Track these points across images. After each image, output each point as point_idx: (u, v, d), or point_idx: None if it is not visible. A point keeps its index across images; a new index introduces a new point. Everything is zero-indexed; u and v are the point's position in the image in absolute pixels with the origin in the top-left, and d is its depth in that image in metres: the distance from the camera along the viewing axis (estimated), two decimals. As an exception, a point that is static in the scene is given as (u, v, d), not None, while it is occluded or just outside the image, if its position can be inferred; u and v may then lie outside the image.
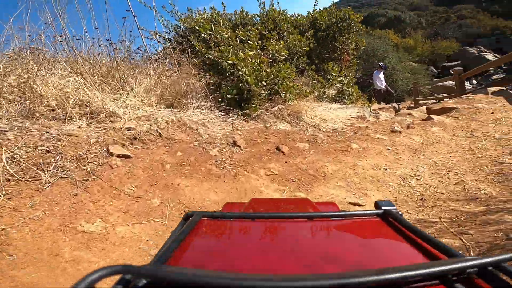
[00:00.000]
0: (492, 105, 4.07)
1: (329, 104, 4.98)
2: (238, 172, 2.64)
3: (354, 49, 8.10)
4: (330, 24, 7.56)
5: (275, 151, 3.08)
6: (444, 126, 3.46)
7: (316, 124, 3.85)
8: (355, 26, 7.59)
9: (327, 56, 7.75)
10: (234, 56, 4.04)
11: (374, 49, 15.13)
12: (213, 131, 3.34)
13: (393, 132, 3.37)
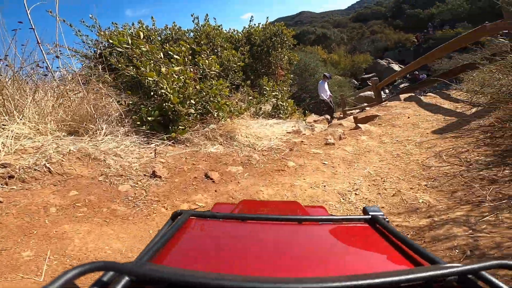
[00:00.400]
0: (407, 110, 4.41)
1: (265, 120, 4.81)
2: (153, 209, 2.12)
3: (287, 63, 8.33)
4: (264, 39, 7.65)
5: (203, 179, 2.64)
6: (371, 134, 3.53)
7: (251, 143, 3.56)
8: (287, 41, 7.85)
9: (262, 71, 7.78)
10: (154, 72, 3.52)
11: (306, 64, 16.16)
12: (128, 161, 2.74)
13: (327, 145, 3.28)
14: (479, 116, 3.34)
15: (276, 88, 5.48)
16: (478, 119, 3.25)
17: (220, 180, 2.68)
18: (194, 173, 2.78)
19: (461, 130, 3.05)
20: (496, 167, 2.07)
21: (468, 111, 3.73)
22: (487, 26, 4.01)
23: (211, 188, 2.54)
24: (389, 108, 4.76)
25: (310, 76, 16.23)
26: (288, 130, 4.12)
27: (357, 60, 24.21)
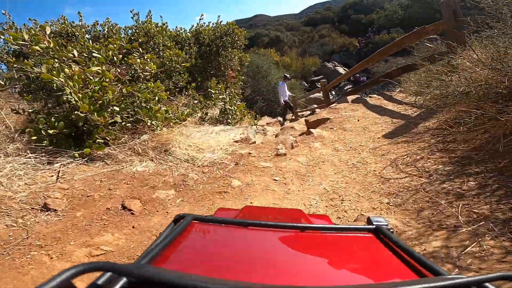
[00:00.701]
0: (356, 113, 4.28)
1: (211, 127, 4.24)
2: (31, 259, 1.45)
3: (239, 64, 7.87)
4: (214, 38, 7.06)
5: (119, 211, 1.99)
6: (324, 140, 3.23)
7: (191, 156, 2.97)
8: (239, 41, 7.37)
9: (212, 73, 7.18)
10: (59, 72, 2.69)
11: (259, 66, 15.95)
12: (11, 190, 1.95)
13: (278, 156, 2.87)
14: (424, 118, 3.29)
15: (223, 90, 4.94)
16: (424, 121, 3.18)
17: (142, 211, 2.05)
18: (107, 202, 2.09)
19: (410, 134, 2.92)
20: (458, 178, 1.86)
21: (412, 113, 3.71)
22: (427, 27, 4.08)
23: (127, 223, 1.90)
24: (339, 111, 4.61)
25: (263, 78, 16.04)
26: (236, 138, 3.63)
27: (307, 63, 25.00)
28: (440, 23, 3.89)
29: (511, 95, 1.99)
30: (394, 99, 4.93)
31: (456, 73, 3.09)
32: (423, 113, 3.49)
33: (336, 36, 30.77)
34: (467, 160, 2.04)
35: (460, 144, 2.29)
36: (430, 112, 3.32)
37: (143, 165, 2.71)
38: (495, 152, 1.95)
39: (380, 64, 18.18)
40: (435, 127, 2.85)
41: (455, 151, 2.23)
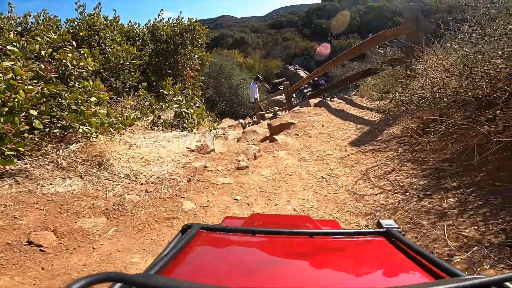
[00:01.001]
0: (320, 117, 4.12)
1: (163, 133, 3.69)
2: None
3: (199, 64, 7.30)
4: (173, 35, 6.40)
5: (22, 246, 1.44)
6: (289, 148, 2.95)
7: (133, 171, 2.43)
8: (200, 39, 6.80)
9: (169, 72, 6.52)
10: None
11: (222, 66, 15.43)
12: None
13: (239, 169, 2.48)
14: (388, 124, 3.21)
15: (178, 91, 4.40)
16: (388, 128, 3.09)
17: (57, 246, 1.51)
18: (8, 235, 1.51)
19: (377, 142, 2.78)
20: (436, 194, 1.68)
21: (375, 118, 3.64)
22: (387, 32, 4.08)
23: (34, 264, 1.36)
24: (302, 115, 4.40)
25: (225, 79, 15.57)
26: (191, 147, 3.16)
27: (270, 65, 25.09)
28: (400, 28, 3.90)
29: (481, 103, 1.89)
30: (355, 103, 4.90)
31: (418, 79, 3.05)
32: (386, 119, 3.42)
33: (299, 40, 31.32)
34: (441, 173, 1.89)
35: (429, 154, 2.17)
36: (392, 118, 3.26)
37: (66, 183, 2.11)
38: (468, 164, 1.83)
39: (338, 69, 19.01)
40: (400, 134, 2.75)
41: (425, 162, 2.09)
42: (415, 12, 3.75)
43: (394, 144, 2.56)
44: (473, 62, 1.98)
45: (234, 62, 16.90)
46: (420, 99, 2.48)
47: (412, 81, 3.05)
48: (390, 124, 3.13)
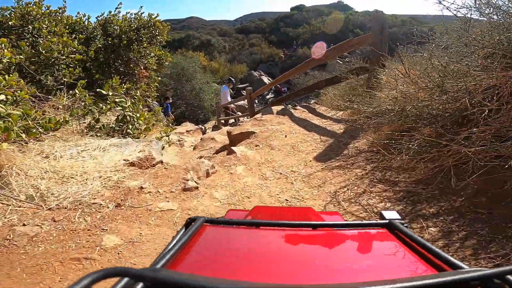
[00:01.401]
0: (282, 126, 3.83)
1: (99, 141, 3.03)
2: None
3: (156, 63, 6.56)
4: (127, 30, 5.62)
5: None
6: (249, 163, 2.56)
7: (40, 191, 1.80)
8: (160, 36, 6.10)
9: (121, 70, 5.70)
10: None
11: (184, 68, 14.57)
12: None
13: (186, 191, 2.00)
14: (352, 137, 3.01)
15: (120, 91, 3.74)
16: (353, 140, 2.90)
17: None
18: None
19: (343, 157, 2.53)
20: (415, 222, 1.43)
21: (338, 129, 3.46)
22: (353, 40, 3.98)
23: None
24: (264, 123, 4.08)
25: (187, 82, 14.73)
26: (132, 158, 2.58)
27: (235, 70, 24.70)
28: (366, 36, 3.81)
29: (457, 119, 1.71)
30: (318, 113, 4.74)
31: (383, 89, 2.92)
32: (350, 130, 3.25)
33: (265, 46, 31.29)
34: (416, 196, 1.66)
35: (400, 173, 1.95)
36: (356, 130, 3.09)
37: None
38: (444, 187, 1.62)
39: (300, 77, 19.41)
40: (367, 149, 2.55)
41: (397, 183, 1.86)
42: (382, 22, 3.69)
43: (361, 160, 2.33)
44: (446, 73, 1.81)
45: (197, 64, 16.12)
46: (388, 112, 2.30)
47: (379, 92, 2.91)
48: (355, 137, 2.94)
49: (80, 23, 5.87)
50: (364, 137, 2.82)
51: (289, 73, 5.32)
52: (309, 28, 31.17)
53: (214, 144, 5.19)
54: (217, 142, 5.28)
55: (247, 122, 4.35)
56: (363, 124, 2.80)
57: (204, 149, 5.02)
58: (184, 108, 14.36)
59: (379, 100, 2.53)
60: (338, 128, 3.46)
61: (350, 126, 3.36)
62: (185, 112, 14.44)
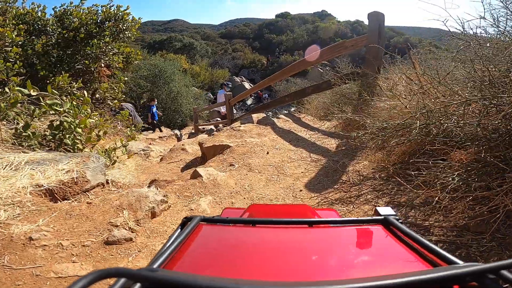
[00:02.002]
0: (264, 139, 3.19)
1: (14, 155, 2.20)
2: None
3: (123, 62, 5.68)
4: (88, 23, 4.74)
5: None
6: (219, 191, 1.87)
7: None
8: (128, 31, 5.25)
9: (78, 68, 4.79)
10: None
11: (162, 70, 13.57)
12: None
13: (110, 245, 1.26)
14: (348, 156, 2.42)
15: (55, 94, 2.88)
16: (350, 161, 2.30)
17: None
18: None
19: (342, 185, 1.92)
20: None
21: (330, 145, 2.88)
22: (347, 42, 3.45)
23: None
24: (243, 134, 3.41)
25: (164, 84, 13.73)
26: (50, 182, 1.80)
27: (216, 74, 23.92)
28: (362, 38, 3.29)
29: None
30: (303, 123, 4.16)
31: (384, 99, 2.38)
32: (345, 148, 2.68)
33: (248, 52, 30.78)
34: (464, 250, 1.06)
35: (429, 215, 1.36)
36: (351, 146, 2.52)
37: None
38: (505, 236, 1.04)
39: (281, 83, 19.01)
40: (372, 174, 1.95)
41: (430, 229, 1.26)
42: (379, 22, 3.20)
43: (368, 191, 1.73)
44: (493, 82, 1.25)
45: (176, 67, 15.15)
46: (403, 127, 1.72)
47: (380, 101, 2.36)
48: (353, 157, 2.35)
49: (32, 14, 4.94)
50: (364, 158, 2.24)
51: (274, 77, 4.73)
52: (292, 36, 31.22)
53: (185, 155, 4.43)
54: (188, 153, 4.52)
55: (223, 132, 3.66)
56: (363, 141, 2.22)
57: (172, 162, 4.24)
58: (160, 112, 13.37)
59: (389, 112, 1.96)
60: (330, 144, 2.87)
61: (344, 142, 2.79)
62: (162, 117, 13.44)
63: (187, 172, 2.80)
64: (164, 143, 7.75)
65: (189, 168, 3.96)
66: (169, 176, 3.51)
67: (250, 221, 0.56)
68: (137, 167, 3.92)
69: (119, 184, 2.82)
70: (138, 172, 3.75)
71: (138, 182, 3.28)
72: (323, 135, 3.28)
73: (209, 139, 3.56)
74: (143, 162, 4.44)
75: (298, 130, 3.61)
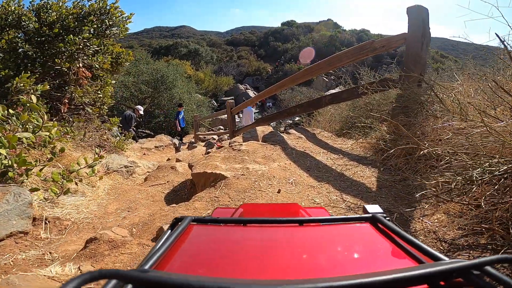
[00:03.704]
0: (271, 165, 2.35)
1: None
2: None
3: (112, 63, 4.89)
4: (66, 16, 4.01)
5: None
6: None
7: None
8: (115, 27, 4.50)
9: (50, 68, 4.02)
10: None
11: (164, 75, 12.89)
12: None
13: None
14: (402, 200, 1.57)
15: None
16: (412, 210, 1.45)
17: None
18: None
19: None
20: None
21: (366, 176, 2.02)
22: (376, 42, 2.62)
23: None
24: (244, 157, 2.55)
25: (166, 90, 13.01)
26: None
27: (220, 81, 23.28)
28: (398, 37, 2.47)
29: None
30: (320, 140, 3.31)
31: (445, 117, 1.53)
32: (388, 181, 1.82)
33: (253, 59, 29.95)
34: None
35: None
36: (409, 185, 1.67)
37: None
38: None
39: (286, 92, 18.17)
40: (460, 237, 1.08)
41: None
42: (423, 17, 2.38)
43: None
44: None
45: (179, 72, 14.46)
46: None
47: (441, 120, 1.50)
48: (410, 203, 1.48)
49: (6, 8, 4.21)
50: (434, 207, 1.38)
51: (283, 83, 3.90)
52: (297, 44, 30.59)
53: (174, 176, 3.58)
54: (178, 173, 3.67)
55: (219, 152, 2.80)
56: (435, 187, 1.34)
57: (157, 184, 3.39)
58: (162, 118, 12.62)
59: (466, 137, 1.10)
60: (366, 176, 2.01)
61: (388, 174, 1.92)
62: (163, 123, 12.68)
63: (164, 213, 1.94)
64: (160, 154, 6.90)
65: (176, 193, 3.10)
66: (147, 207, 2.66)
67: (241, 221, 0.56)
68: (110, 191, 3.07)
69: (66, 223, 1.98)
70: (110, 198, 2.90)
71: (102, 215, 2.43)
72: (351, 160, 2.42)
73: (200, 160, 2.71)
74: (123, 181, 3.59)
75: (315, 151, 2.75)
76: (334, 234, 0.52)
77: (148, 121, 12.71)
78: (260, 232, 0.53)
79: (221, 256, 0.45)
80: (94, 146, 3.97)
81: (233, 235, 0.53)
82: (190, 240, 0.50)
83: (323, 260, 0.43)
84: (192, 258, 0.45)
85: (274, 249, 0.47)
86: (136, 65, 13.22)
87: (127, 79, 12.28)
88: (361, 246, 0.48)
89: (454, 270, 0.30)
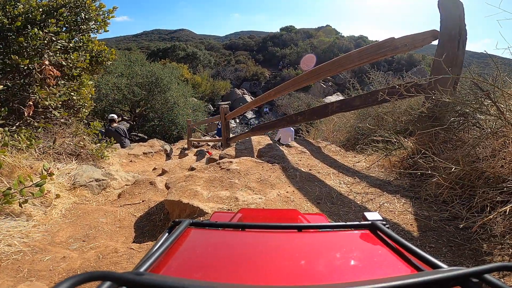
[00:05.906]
0: (269, 194, 1.81)
1: None
2: None
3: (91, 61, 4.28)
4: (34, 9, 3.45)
5: None
6: None
7: None
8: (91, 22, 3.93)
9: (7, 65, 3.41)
10: None
11: (158, 78, 12.29)
12: None
13: None
14: (457, 248, 1.03)
15: None
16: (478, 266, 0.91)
17: None
18: None
19: None
20: None
21: (399, 216, 1.47)
22: (397, 39, 2.10)
23: None
24: (234, 181, 1.98)
25: (160, 93, 12.39)
26: None
27: (218, 85, 22.78)
28: (426, 34, 1.95)
29: None
30: (325, 156, 2.76)
31: None
32: (433, 220, 1.27)
33: (251, 64, 29.48)
34: None
35: None
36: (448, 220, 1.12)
37: None
38: None
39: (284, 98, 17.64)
40: None
41: None
42: (459, 12, 1.88)
43: None
44: None
45: (175, 75, 13.86)
46: None
47: None
48: (478, 255, 0.94)
49: None
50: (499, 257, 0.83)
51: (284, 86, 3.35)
52: (296, 50, 30.28)
53: (152, 194, 2.97)
54: (157, 190, 3.06)
55: (203, 172, 2.22)
56: None
57: (131, 203, 2.79)
58: (156, 122, 11.99)
59: None
60: (397, 212, 1.46)
61: (436, 210, 1.37)
62: (157, 127, 12.05)
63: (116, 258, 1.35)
64: (148, 161, 6.26)
65: (150, 218, 2.47)
66: (109, 236, 2.06)
67: (239, 225, 0.55)
68: (68, 212, 2.45)
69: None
70: (65, 221, 2.28)
71: (44, 247, 1.80)
72: (371, 186, 1.86)
73: (179, 181, 2.12)
74: (92, 198, 2.97)
75: (323, 172, 2.19)
76: (333, 240, 0.51)
77: (142, 125, 12.07)
78: (258, 237, 0.52)
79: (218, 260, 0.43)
80: (65, 155, 3.36)
81: (231, 240, 0.52)
82: (187, 243, 0.49)
83: (321, 267, 0.42)
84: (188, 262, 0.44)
85: (271, 255, 0.46)
86: (131, 67, 12.61)
87: (120, 81, 11.65)
88: (359, 253, 0.47)
89: (453, 278, 0.29)
